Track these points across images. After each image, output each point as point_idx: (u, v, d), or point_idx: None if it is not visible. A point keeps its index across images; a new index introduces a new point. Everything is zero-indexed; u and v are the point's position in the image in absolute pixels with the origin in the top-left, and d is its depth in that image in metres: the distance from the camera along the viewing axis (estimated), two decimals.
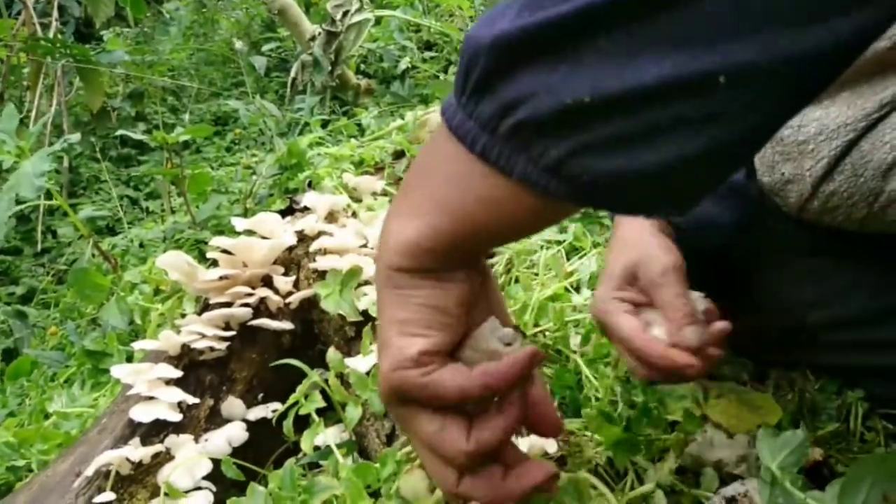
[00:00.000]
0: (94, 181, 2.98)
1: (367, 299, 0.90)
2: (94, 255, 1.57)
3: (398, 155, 1.47)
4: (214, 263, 1.00)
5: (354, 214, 1.17)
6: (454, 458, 0.42)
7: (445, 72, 2.42)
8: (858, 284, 0.80)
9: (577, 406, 0.82)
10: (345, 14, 2.31)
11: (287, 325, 0.95)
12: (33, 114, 2.87)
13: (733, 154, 0.37)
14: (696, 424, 0.75)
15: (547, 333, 0.95)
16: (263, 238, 1.01)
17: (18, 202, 1.30)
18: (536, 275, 1.14)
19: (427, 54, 2.58)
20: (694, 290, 0.69)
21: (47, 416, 1.15)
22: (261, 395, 0.92)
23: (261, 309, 0.96)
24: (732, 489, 0.64)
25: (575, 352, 0.91)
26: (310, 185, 1.36)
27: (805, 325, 0.84)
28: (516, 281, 1.15)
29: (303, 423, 0.80)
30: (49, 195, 1.38)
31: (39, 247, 2.53)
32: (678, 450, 0.73)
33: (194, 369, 0.88)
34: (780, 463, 0.56)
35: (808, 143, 0.72)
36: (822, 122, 0.71)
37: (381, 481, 0.64)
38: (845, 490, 0.53)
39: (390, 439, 0.76)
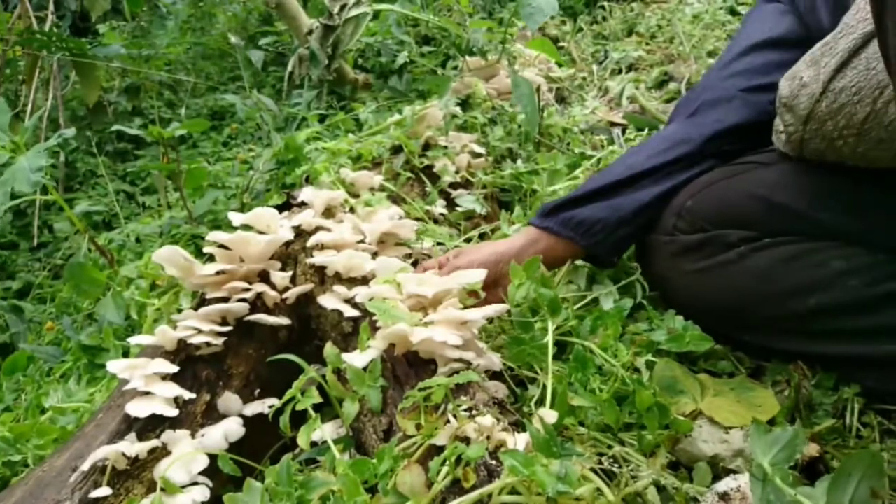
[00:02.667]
0: (91, 176, 2.96)
1: (364, 294, 0.90)
2: (90, 250, 1.56)
3: (396, 150, 1.47)
4: (211, 258, 0.99)
5: (352, 209, 1.16)
6: None
7: (443, 66, 2.41)
8: (852, 271, 0.81)
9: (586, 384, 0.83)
10: (342, 8, 2.30)
11: (284, 320, 0.95)
12: (29, 108, 2.86)
13: None
14: (687, 426, 0.75)
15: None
16: (260, 233, 1.01)
17: (14, 197, 1.29)
18: None
19: (425, 49, 2.57)
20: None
21: (43, 412, 1.15)
22: (257, 391, 0.92)
23: (258, 304, 0.96)
24: (725, 484, 0.64)
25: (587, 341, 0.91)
26: (307, 180, 1.35)
27: (800, 310, 0.84)
28: None
29: (300, 418, 0.80)
30: (45, 190, 1.37)
31: (36, 241, 2.52)
32: (669, 445, 0.74)
33: (191, 364, 0.88)
34: (771, 459, 0.56)
35: (829, 43, 0.76)
36: (846, 20, 0.74)
37: (377, 477, 0.64)
38: (835, 486, 0.53)
39: (387, 435, 0.76)
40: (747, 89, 0.99)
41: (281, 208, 1.17)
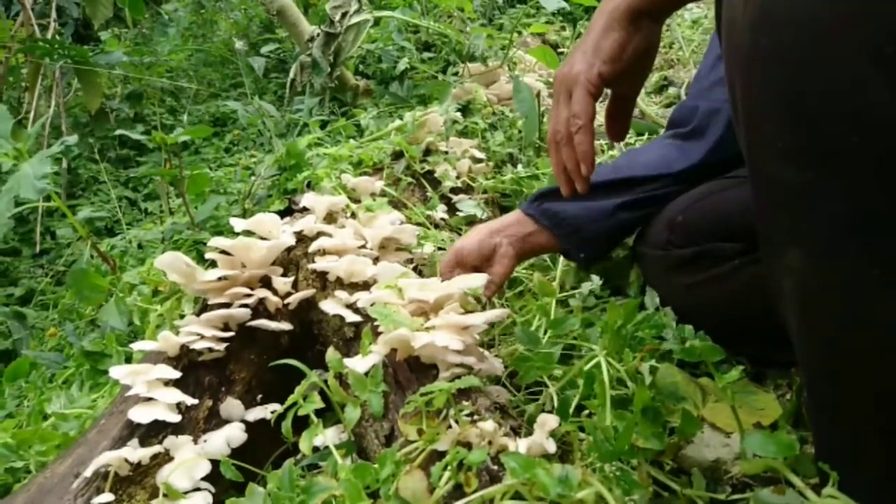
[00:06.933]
0: (93, 182, 2.97)
1: (365, 299, 0.90)
2: (92, 257, 1.57)
3: (397, 155, 1.48)
4: (213, 264, 1.00)
5: (353, 215, 1.17)
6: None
7: (444, 72, 2.41)
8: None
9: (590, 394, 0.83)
10: (343, 15, 2.31)
11: (286, 325, 0.95)
12: (32, 115, 2.87)
13: None
14: (694, 427, 0.75)
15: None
16: (262, 239, 1.01)
17: (18, 204, 1.30)
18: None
19: (426, 55, 2.58)
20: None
21: (46, 418, 1.15)
22: (259, 396, 0.92)
23: (259, 310, 0.96)
24: None
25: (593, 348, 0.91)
26: (308, 185, 1.36)
27: None
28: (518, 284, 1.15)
29: (302, 423, 0.80)
30: (48, 197, 1.37)
31: (38, 248, 2.53)
32: (672, 453, 0.73)
33: (193, 370, 0.88)
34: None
35: None
36: None
37: (379, 482, 0.64)
38: None
39: (389, 440, 0.76)
40: None
41: (283, 214, 1.17)
